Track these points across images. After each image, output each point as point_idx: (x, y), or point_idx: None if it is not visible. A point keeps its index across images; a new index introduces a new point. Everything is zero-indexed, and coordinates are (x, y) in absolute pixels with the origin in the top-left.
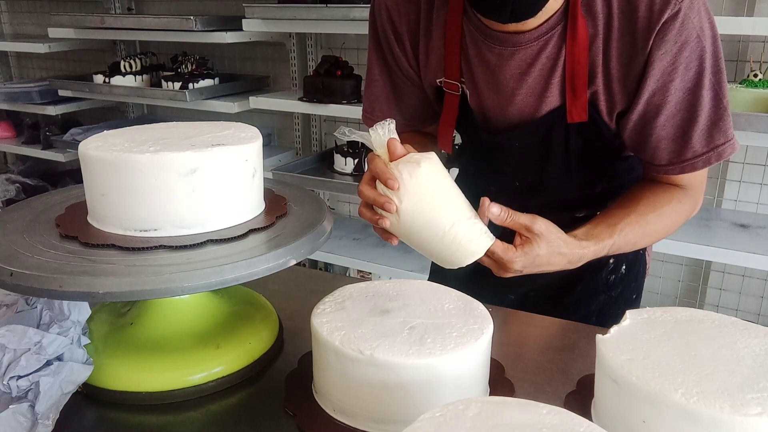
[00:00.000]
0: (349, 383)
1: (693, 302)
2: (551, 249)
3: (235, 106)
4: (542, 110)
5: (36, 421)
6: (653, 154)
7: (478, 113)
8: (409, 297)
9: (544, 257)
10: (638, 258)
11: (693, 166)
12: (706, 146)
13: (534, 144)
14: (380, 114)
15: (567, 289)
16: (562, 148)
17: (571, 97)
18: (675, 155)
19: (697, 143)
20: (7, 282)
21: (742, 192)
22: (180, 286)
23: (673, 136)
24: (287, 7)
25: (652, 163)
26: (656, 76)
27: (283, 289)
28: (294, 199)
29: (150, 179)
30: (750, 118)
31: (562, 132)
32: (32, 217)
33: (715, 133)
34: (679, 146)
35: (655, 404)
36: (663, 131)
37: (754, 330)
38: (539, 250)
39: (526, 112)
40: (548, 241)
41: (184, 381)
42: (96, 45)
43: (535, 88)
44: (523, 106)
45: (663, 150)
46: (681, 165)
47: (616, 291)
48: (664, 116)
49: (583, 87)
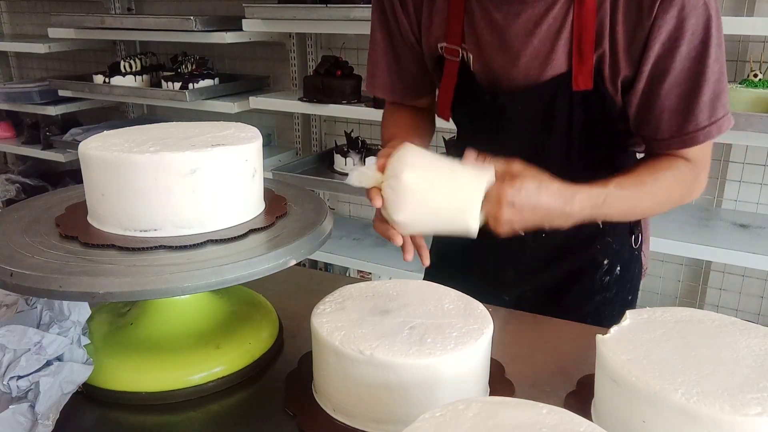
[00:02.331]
0: (349, 383)
1: (693, 302)
2: (539, 182)
3: (235, 106)
4: (547, 74)
5: (36, 421)
6: (656, 126)
7: (482, 78)
8: (409, 297)
9: (534, 190)
10: (633, 258)
11: (694, 139)
12: (708, 119)
13: (537, 111)
14: (380, 80)
15: (562, 290)
16: (565, 120)
17: (578, 62)
18: (677, 128)
19: (700, 115)
20: (7, 282)
21: (742, 192)
22: (180, 286)
23: (677, 107)
24: (287, 7)
25: (655, 137)
26: (662, 39)
27: (283, 289)
28: (294, 199)
29: (150, 179)
30: (750, 118)
31: (566, 101)
32: (32, 217)
33: (717, 106)
34: (682, 118)
35: (655, 404)
36: (667, 101)
37: (754, 330)
38: (526, 183)
39: (531, 75)
40: (532, 176)
41: (184, 381)
42: (96, 45)
43: (541, 50)
44: (528, 68)
45: (666, 122)
46: (683, 138)
47: (611, 292)
48: (668, 84)
49: (590, 51)
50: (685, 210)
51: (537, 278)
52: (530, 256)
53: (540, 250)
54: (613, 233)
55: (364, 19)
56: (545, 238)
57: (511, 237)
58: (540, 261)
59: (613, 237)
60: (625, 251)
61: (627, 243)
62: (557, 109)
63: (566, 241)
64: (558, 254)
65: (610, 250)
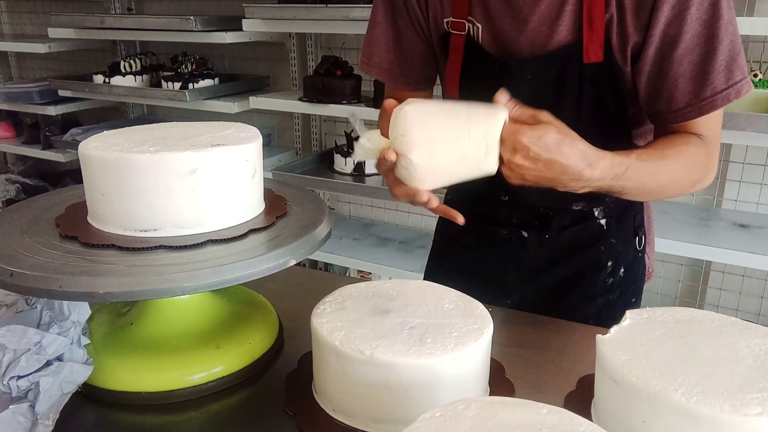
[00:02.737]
0: (349, 383)
1: (693, 302)
2: (563, 135)
3: (235, 106)
4: (553, 41)
5: (36, 421)
6: (671, 96)
7: (491, 47)
8: (409, 297)
9: (554, 141)
10: (637, 260)
11: (712, 104)
12: (725, 82)
13: (546, 82)
14: (377, 59)
15: (565, 292)
16: (575, 95)
17: (588, 30)
18: (693, 95)
19: (716, 78)
20: (7, 282)
21: (742, 192)
22: (180, 286)
23: (692, 72)
24: (287, 7)
25: (670, 109)
26: (671, 3)
27: (283, 289)
28: (294, 199)
29: (150, 179)
30: (750, 118)
31: (576, 73)
32: (32, 217)
33: (734, 68)
34: (697, 84)
35: (655, 404)
36: (681, 67)
37: (754, 330)
38: (549, 131)
39: (538, 42)
40: (558, 128)
41: (184, 381)
42: (96, 45)
43: (548, 15)
44: (535, 35)
45: (681, 90)
46: (700, 105)
47: (614, 294)
48: (681, 49)
49: (600, 17)
50: (685, 210)
51: (539, 280)
52: (532, 256)
53: (542, 250)
54: (616, 234)
55: (364, 19)
56: (548, 239)
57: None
58: (542, 262)
59: (616, 238)
60: (629, 253)
61: (631, 244)
62: (567, 81)
63: (569, 243)
64: (560, 255)
65: (613, 252)
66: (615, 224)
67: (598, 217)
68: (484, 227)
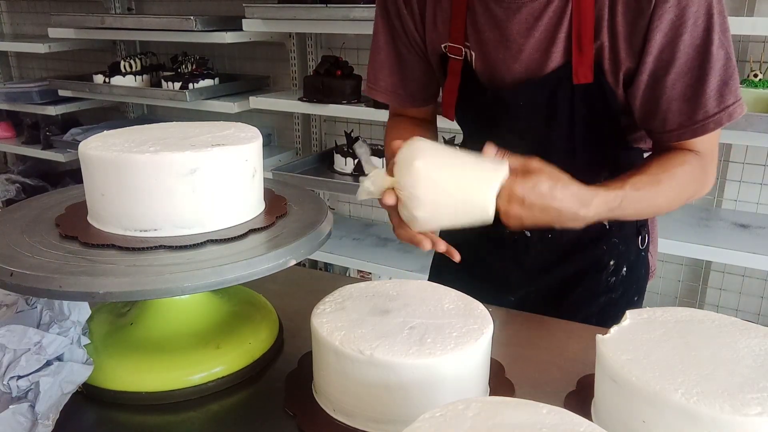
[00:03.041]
0: (349, 383)
1: (693, 302)
2: (554, 181)
3: (235, 106)
4: (548, 66)
5: (36, 421)
6: (664, 118)
7: (484, 75)
8: (409, 297)
9: (547, 188)
10: (640, 259)
11: (704, 128)
12: (717, 106)
13: (538, 105)
14: (383, 83)
15: (567, 291)
16: (567, 114)
17: (578, 54)
18: (686, 118)
19: (708, 103)
20: (7, 282)
21: (742, 192)
22: (180, 286)
23: (684, 96)
24: (287, 7)
25: (663, 130)
26: (664, 30)
27: (283, 289)
28: (294, 199)
29: (150, 179)
30: (750, 118)
31: (567, 94)
32: (32, 217)
33: (726, 93)
34: (690, 107)
35: (655, 404)
36: (673, 91)
37: (754, 330)
38: (541, 180)
39: (532, 68)
40: (549, 175)
41: (184, 381)
42: (96, 45)
43: (542, 43)
44: (530, 62)
45: (674, 113)
46: (693, 128)
47: (616, 293)
48: (674, 74)
49: (589, 43)
50: (685, 210)
51: (542, 279)
52: (535, 256)
53: (545, 250)
54: (619, 234)
55: (364, 19)
56: (550, 239)
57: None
58: (545, 261)
59: (619, 238)
60: (632, 252)
61: (633, 244)
62: (558, 102)
63: (572, 242)
64: (563, 255)
65: (616, 251)
66: (617, 224)
67: None
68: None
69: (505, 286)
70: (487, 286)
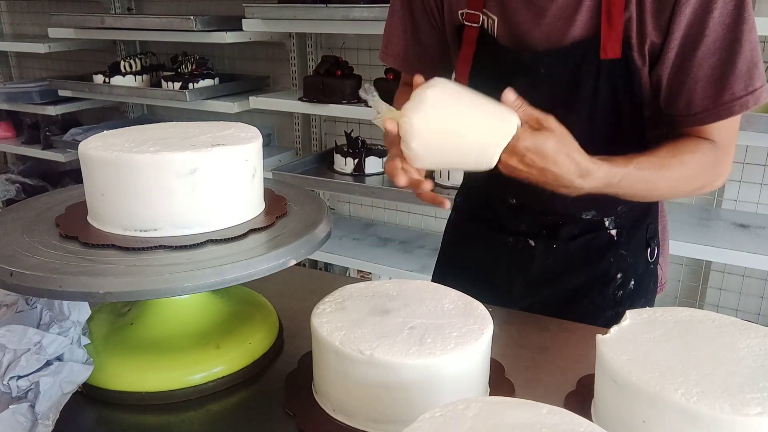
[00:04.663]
0: (349, 383)
1: (693, 302)
2: (561, 146)
3: (235, 106)
4: (569, 36)
5: (36, 421)
6: (689, 99)
7: (505, 40)
8: (409, 297)
9: (551, 151)
10: (649, 272)
11: (730, 110)
12: (745, 89)
13: (561, 78)
14: (395, 47)
15: (572, 304)
16: (590, 92)
17: (607, 26)
18: (711, 100)
19: (736, 84)
20: (7, 282)
21: (742, 192)
22: (180, 286)
23: (711, 77)
24: (287, 7)
25: (688, 112)
26: (693, 5)
27: (283, 289)
28: (294, 199)
29: (150, 179)
30: (750, 118)
31: (593, 70)
32: (32, 217)
33: (754, 75)
34: (717, 88)
35: (655, 404)
36: (700, 71)
37: (754, 330)
38: (548, 141)
39: (554, 37)
40: (558, 137)
41: (184, 381)
42: (96, 45)
43: (566, 9)
44: (551, 29)
45: (699, 94)
46: (717, 110)
47: (624, 307)
48: (701, 53)
49: (619, 15)
50: (685, 210)
51: (546, 290)
52: (539, 266)
53: (550, 260)
54: (627, 246)
55: (364, 19)
56: (556, 249)
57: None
58: (550, 272)
59: (627, 250)
60: (640, 265)
61: (642, 256)
62: (583, 78)
63: (578, 252)
64: (568, 266)
65: (623, 263)
66: (626, 235)
67: (608, 227)
68: (491, 234)
69: (508, 297)
70: (491, 295)
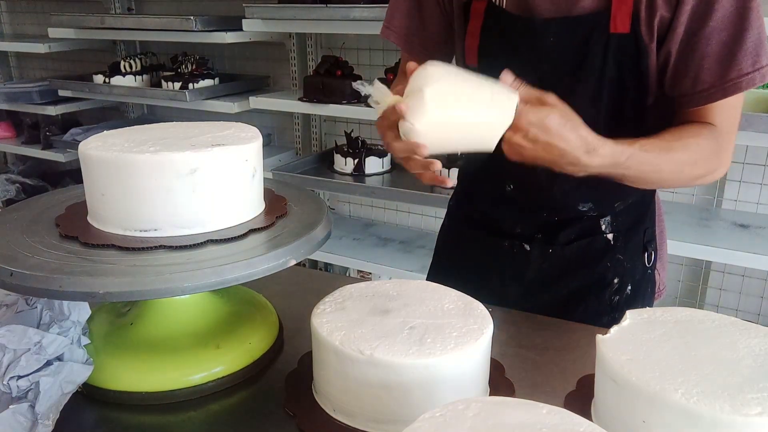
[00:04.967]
0: (349, 383)
1: (693, 302)
2: (565, 120)
3: (235, 106)
4: (578, 6)
5: (36, 421)
6: (696, 75)
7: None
8: (409, 297)
9: (555, 125)
10: (646, 277)
11: (737, 86)
12: (752, 65)
13: (569, 49)
14: (397, 23)
15: (568, 310)
16: (597, 66)
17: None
18: (719, 76)
19: (744, 61)
20: (7, 282)
21: (742, 192)
22: (180, 286)
23: (719, 53)
24: (287, 7)
25: (694, 90)
26: None
27: (283, 289)
28: (294, 199)
29: (150, 179)
30: (750, 118)
31: (601, 43)
32: (32, 217)
33: (761, 53)
34: (724, 65)
35: (655, 404)
36: (708, 47)
37: (754, 330)
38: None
39: (562, 6)
40: (561, 112)
41: (184, 381)
42: (96, 45)
43: None
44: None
45: (707, 70)
46: (725, 87)
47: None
48: (710, 28)
49: None
50: (685, 210)
51: (542, 295)
52: (535, 271)
53: (545, 265)
54: (624, 250)
55: (364, 19)
56: (551, 253)
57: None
58: (545, 277)
59: (624, 254)
60: (637, 270)
61: (639, 261)
62: (590, 50)
63: (573, 257)
64: (564, 271)
65: (620, 268)
66: (623, 239)
67: (605, 231)
68: (486, 238)
69: (504, 302)
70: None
